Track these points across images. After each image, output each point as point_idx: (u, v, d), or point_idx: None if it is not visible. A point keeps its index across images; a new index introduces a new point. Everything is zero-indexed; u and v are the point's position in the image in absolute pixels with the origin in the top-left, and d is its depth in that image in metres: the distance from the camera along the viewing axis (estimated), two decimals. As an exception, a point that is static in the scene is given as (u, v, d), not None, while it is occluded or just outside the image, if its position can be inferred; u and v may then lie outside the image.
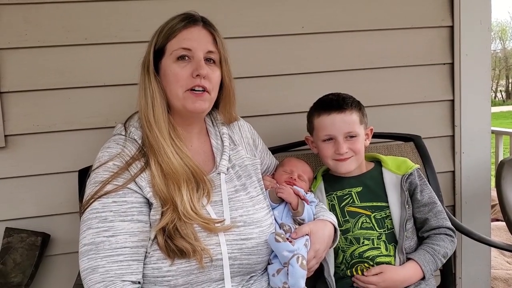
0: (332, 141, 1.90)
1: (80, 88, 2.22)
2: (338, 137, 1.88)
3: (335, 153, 1.90)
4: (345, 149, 1.87)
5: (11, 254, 2.11)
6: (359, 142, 1.90)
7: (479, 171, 2.62)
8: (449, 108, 2.61)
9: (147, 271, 1.45)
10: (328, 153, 1.92)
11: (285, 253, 1.55)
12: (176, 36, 1.56)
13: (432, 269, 1.82)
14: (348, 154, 1.89)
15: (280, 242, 1.56)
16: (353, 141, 1.89)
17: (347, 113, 1.88)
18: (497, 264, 3.46)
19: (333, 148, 1.90)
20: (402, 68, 2.54)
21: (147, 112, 1.55)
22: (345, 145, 1.88)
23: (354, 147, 1.89)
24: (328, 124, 1.89)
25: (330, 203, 1.95)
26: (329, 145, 1.91)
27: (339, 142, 1.87)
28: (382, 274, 1.79)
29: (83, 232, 1.44)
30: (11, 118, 2.17)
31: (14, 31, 2.14)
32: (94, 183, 1.49)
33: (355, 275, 1.84)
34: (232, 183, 1.64)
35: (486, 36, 2.57)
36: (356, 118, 1.90)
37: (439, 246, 1.84)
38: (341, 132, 1.87)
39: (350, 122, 1.88)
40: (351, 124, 1.88)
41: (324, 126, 1.90)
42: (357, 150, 1.90)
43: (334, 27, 2.45)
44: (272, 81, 2.42)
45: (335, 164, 1.93)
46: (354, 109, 1.90)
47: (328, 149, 1.91)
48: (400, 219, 1.86)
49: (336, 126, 1.88)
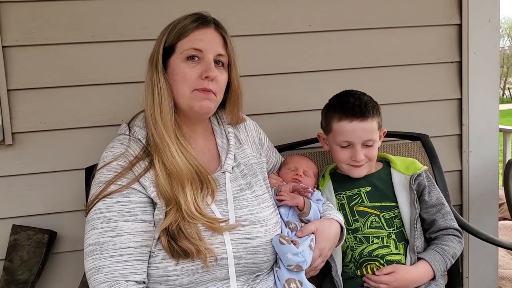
0: (349, 147, 1.88)
1: (87, 85, 2.22)
2: (356, 145, 1.85)
3: (351, 159, 1.89)
4: (362, 156, 1.86)
5: (18, 252, 2.11)
6: (375, 149, 1.90)
7: (486, 170, 2.61)
8: (457, 106, 2.60)
9: (152, 270, 1.45)
10: (343, 158, 1.90)
11: (289, 256, 1.55)
12: (188, 36, 1.55)
13: (442, 269, 1.81)
14: (363, 161, 1.89)
15: (284, 245, 1.55)
16: (370, 149, 1.88)
17: (369, 122, 1.85)
18: (505, 263, 3.44)
19: (349, 154, 1.88)
20: (410, 66, 2.53)
21: (154, 110, 1.54)
22: (362, 152, 1.86)
23: (370, 154, 1.88)
24: (348, 131, 1.85)
25: (340, 203, 1.95)
26: (346, 151, 1.89)
27: (357, 150, 1.85)
28: (394, 273, 1.78)
29: (88, 232, 1.45)
30: (18, 116, 2.17)
31: (22, 29, 2.14)
32: (98, 183, 1.49)
33: (366, 274, 1.83)
34: (237, 181, 1.64)
35: (494, 34, 2.55)
36: (376, 125, 1.88)
37: (448, 246, 1.83)
38: (360, 140, 1.85)
39: (370, 131, 1.86)
40: (370, 133, 1.86)
41: (344, 132, 1.87)
42: (372, 157, 1.90)
43: (341, 25, 2.43)
44: (279, 79, 2.41)
45: (348, 169, 1.92)
46: (375, 116, 1.88)
47: (344, 155, 1.89)
48: (410, 218, 1.85)
49: (356, 134, 1.85)
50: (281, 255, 1.58)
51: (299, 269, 1.57)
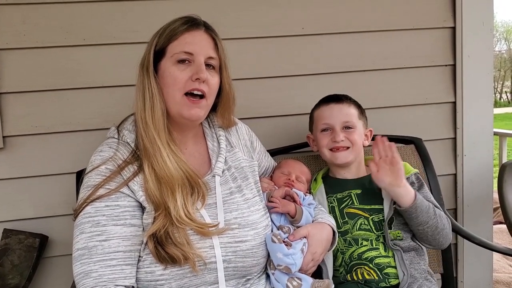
0: (329, 132, 1.96)
1: (79, 89, 2.21)
2: (335, 126, 1.93)
3: (331, 141, 1.94)
4: (342, 137, 1.92)
5: (8, 256, 2.10)
6: (356, 133, 1.94)
7: (481, 174, 2.60)
8: (451, 110, 2.59)
9: (141, 275, 1.44)
10: (324, 142, 1.96)
11: (279, 255, 1.55)
12: (178, 38, 1.55)
13: (423, 204, 1.79)
14: (344, 143, 1.93)
15: (275, 243, 1.55)
16: (350, 132, 1.94)
17: (345, 104, 1.96)
18: (499, 267, 3.43)
19: (329, 137, 1.95)
20: (404, 69, 2.53)
21: (145, 114, 1.53)
22: (341, 134, 1.92)
23: (351, 137, 1.93)
24: (326, 114, 1.97)
25: (330, 205, 1.95)
26: (326, 134, 1.97)
27: (336, 131, 1.93)
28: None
29: (76, 236, 1.44)
30: (9, 119, 2.16)
31: (13, 32, 2.13)
32: (86, 187, 1.48)
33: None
34: (227, 185, 1.63)
35: (488, 37, 2.55)
36: (354, 111, 1.96)
37: (435, 205, 1.85)
38: (339, 122, 1.93)
39: (348, 113, 1.95)
40: (348, 115, 1.94)
41: (322, 116, 1.98)
42: (354, 141, 1.93)
43: (335, 28, 2.43)
44: (272, 83, 2.40)
45: (331, 155, 1.96)
46: (352, 103, 1.98)
47: (325, 139, 1.96)
48: (386, 216, 1.86)
49: (334, 115, 1.95)
50: (271, 254, 1.58)
51: (288, 271, 1.56)
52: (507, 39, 42.73)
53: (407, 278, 1.78)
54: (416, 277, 1.81)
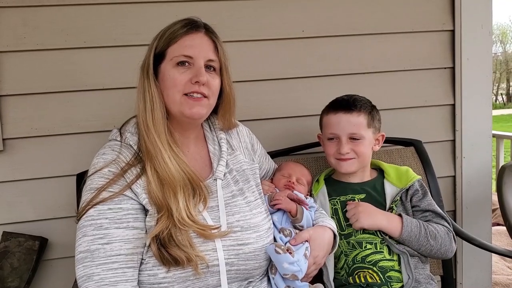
0: (336, 141, 1.92)
1: (79, 91, 2.21)
2: (342, 137, 1.89)
3: (337, 152, 1.91)
4: (347, 149, 1.89)
5: (8, 259, 2.10)
6: (363, 145, 1.90)
7: (480, 176, 2.61)
8: (450, 112, 2.60)
9: (143, 277, 1.44)
10: (331, 151, 1.94)
11: (285, 265, 1.54)
12: (178, 41, 1.55)
13: (414, 233, 1.80)
14: (349, 155, 1.90)
15: (280, 254, 1.54)
16: (357, 143, 1.90)
17: (354, 115, 1.89)
18: (498, 269, 3.43)
19: (336, 147, 1.92)
20: (403, 72, 2.54)
21: (146, 116, 1.53)
22: (347, 145, 1.89)
23: (357, 149, 1.90)
24: (333, 123, 1.92)
25: (333, 207, 1.94)
26: (333, 143, 1.93)
27: (342, 142, 1.89)
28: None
29: (79, 239, 1.43)
30: (10, 122, 2.16)
31: (13, 34, 2.13)
32: (89, 190, 1.48)
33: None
34: (229, 188, 1.63)
35: (487, 40, 2.56)
36: (363, 121, 1.90)
37: (431, 225, 1.84)
38: (345, 133, 1.89)
39: (356, 124, 1.89)
40: (356, 126, 1.89)
41: (329, 124, 1.93)
42: (360, 153, 1.90)
43: (334, 31, 2.44)
44: (273, 85, 2.40)
45: (336, 163, 1.94)
46: (362, 111, 1.91)
47: (332, 148, 1.93)
48: None
49: (341, 126, 1.90)
50: (277, 264, 1.57)
51: (295, 278, 1.56)
52: (503, 42, 42.93)
53: (412, 281, 1.78)
54: (420, 281, 1.82)
